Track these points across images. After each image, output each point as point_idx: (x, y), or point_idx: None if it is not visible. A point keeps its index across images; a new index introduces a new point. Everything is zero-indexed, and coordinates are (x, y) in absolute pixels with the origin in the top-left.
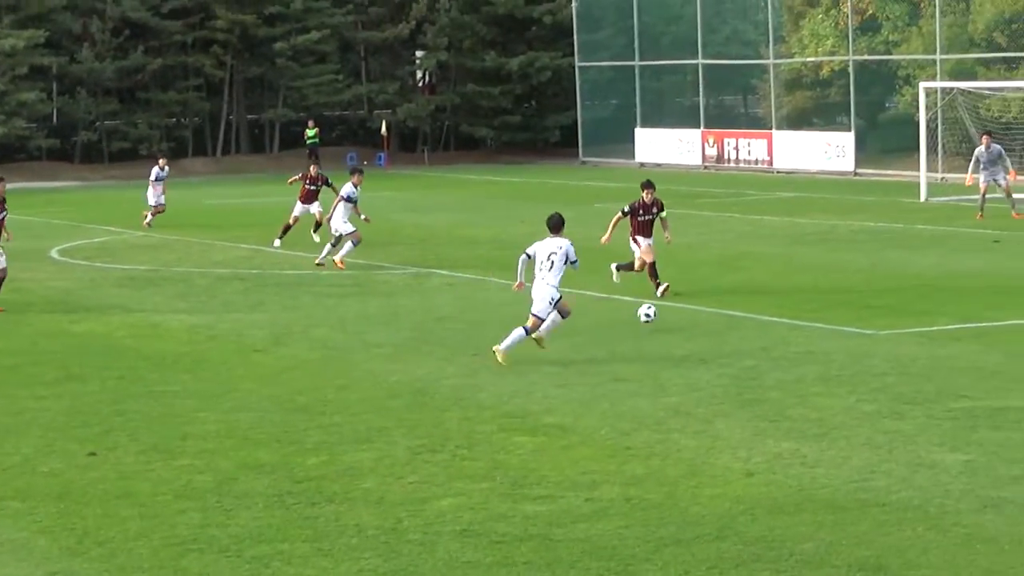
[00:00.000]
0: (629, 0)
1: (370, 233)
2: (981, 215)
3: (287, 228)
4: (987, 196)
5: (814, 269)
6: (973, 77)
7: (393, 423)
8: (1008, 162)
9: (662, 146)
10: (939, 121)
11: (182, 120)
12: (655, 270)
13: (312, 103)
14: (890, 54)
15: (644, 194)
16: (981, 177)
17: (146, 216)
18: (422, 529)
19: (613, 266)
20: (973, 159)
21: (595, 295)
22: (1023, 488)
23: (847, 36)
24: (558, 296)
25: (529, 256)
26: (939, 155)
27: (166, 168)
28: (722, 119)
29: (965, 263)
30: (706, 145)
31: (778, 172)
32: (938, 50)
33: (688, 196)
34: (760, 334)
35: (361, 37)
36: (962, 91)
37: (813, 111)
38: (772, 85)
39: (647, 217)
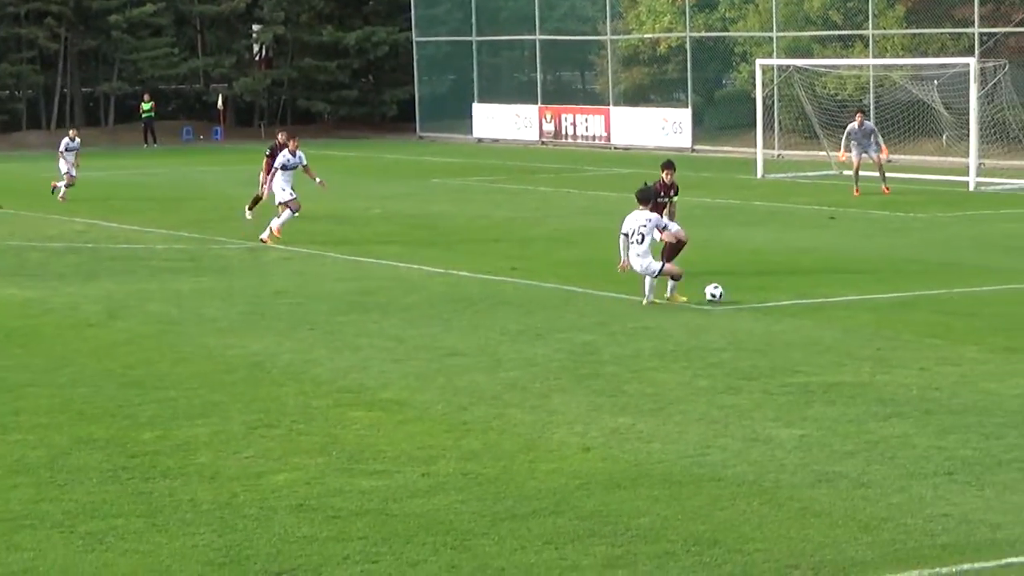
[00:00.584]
0: None
1: (205, 208)
2: (858, 191)
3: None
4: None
5: None
6: (809, 55)
7: (229, 398)
8: (880, 139)
9: (499, 121)
10: (775, 98)
11: (16, 93)
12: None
13: (148, 76)
14: (727, 31)
15: (664, 174)
16: (853, 153)
17: (59, 188)
18: (257, 504)
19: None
20: (845, 135)
21: (431, 269)
22: (857, 463)
23: (684, 13)
24: (658, 265)
25: (626, 235)
26: (775, 132)
27: (77, 139)
28: (559, 95)
29: (801, 239)
30: (543, 121)
31: (615, 148)
32: (775, 28)
33: (526, 172)
34: (597, 309)
35: (197, 10)
36: (798, 69)
37: (650, 87)
38: (609, 61)
39: (664, 199)
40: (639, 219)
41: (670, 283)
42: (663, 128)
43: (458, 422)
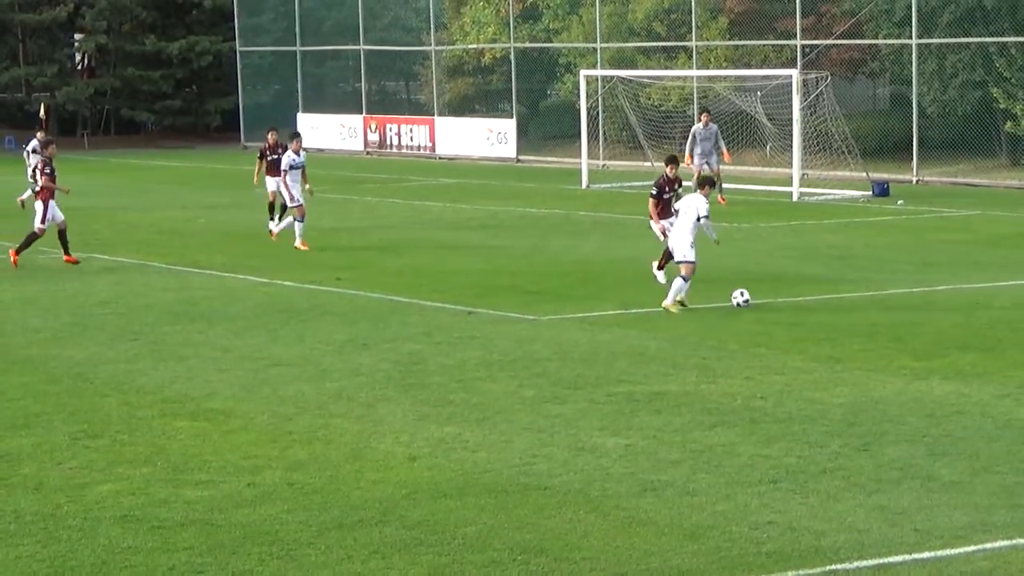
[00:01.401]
0: None
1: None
2: (723, 199)
3: (272, 206)
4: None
5: (477, 255)
6: (633, 66)
7: (52, 408)
8: (723, 143)
9: (324, 132)
10: (600, 109)
11: None
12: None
13: None
14: (551, 42)
15: (668, 169)
16: (695, 160)
17: None
18: (82, 515)
19: (654, 267)
20: (691, 137)
21: (255, 280)
22: (681, 471)
23: (508, 24)
24: (693, 255)
25: (677, 209)
26: (600, 143)
27: None
28: (384, 105)
29: (626, 249)
30: (368, 131)
31: (440, 158)
32: (598, 39)
33: (351, 182)
34: (423, 319)
35: (18, 19)
36: (622, 80)
37: (475, 98)
38: (434, 71)
39: (668, 195)
40: (691, 202)
41: (674, 289)
42: (488, 138)
43: (284, 432)
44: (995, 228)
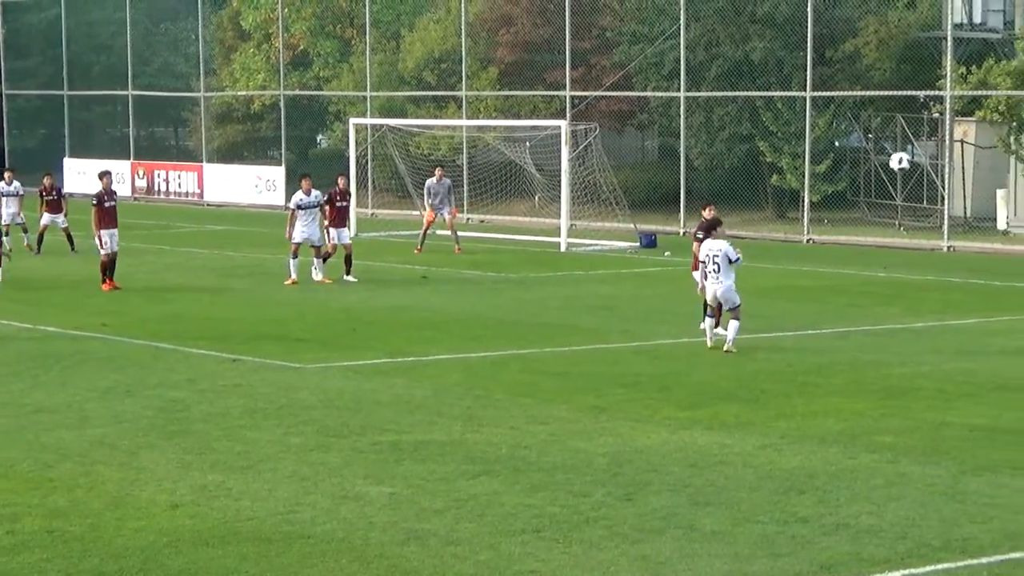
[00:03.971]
0: (57, 29)
1: None
2: (420, 249)
3: (329, 255)
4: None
5: (244, 302)
6: (403, 114)
7: None
8: (453, 198)
9: (91, 177)
10: (369, 157)
11: None
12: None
13: None
14: (321, 90)
15: (705, 211)
16: (427, 211)
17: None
18: None
19: (706, 325)
20: (425, 190)
21: (18, 325)
22: (445, 520)
23: (278, 71)
24: (738, 300)
25: (703, 261)
26: (369, 191)
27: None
28: (153, 151)
29: (394, 298)
30: (136, 177)
31: (209, 205)
32: (368, 87)
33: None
34: (187, 366)
35: None
36: (391, 128)
37: (244, 144)
38: (203, 118)
39: (704, 238)
40: (712, 247)
41: (731, 335)
42: (256, 185)
43: (44, 479)
44: (760, 280)
